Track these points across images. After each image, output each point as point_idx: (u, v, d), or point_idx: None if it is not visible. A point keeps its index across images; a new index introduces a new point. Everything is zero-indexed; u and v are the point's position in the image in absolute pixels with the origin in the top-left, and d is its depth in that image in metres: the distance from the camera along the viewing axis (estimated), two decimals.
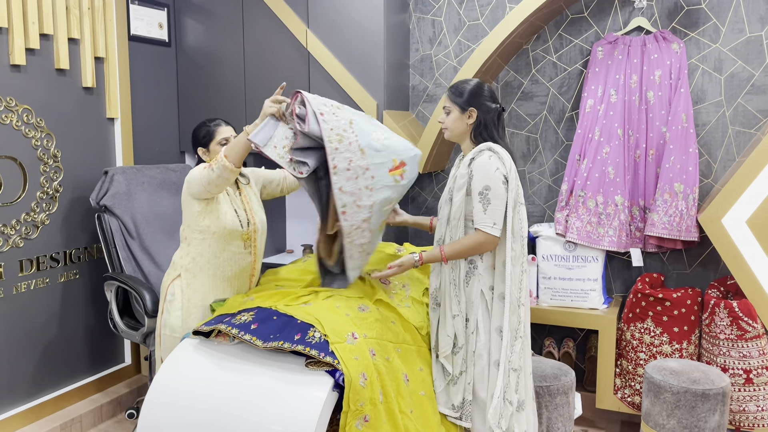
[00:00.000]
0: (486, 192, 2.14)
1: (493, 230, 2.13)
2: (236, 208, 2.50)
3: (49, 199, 3.08)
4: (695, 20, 3.06)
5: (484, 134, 2.26)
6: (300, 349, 1.91)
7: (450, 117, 2.28)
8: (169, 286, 2.49)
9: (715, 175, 3.11)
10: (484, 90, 2.27)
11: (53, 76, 3.08)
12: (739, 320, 2.72)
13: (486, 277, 2.21)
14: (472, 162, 2.19)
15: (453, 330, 2.21)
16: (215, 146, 2.51)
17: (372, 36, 3.32)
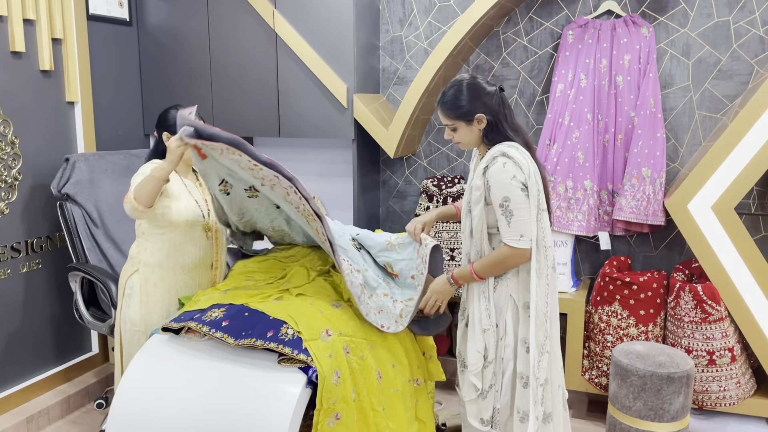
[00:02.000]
0: (506, 204, 1.99)
1: (521, 243, 2.00)
2: (197, 199, 2.48)
3: (8, 187, 2.97)
4: (664, 5, 3.06)
5: (496, 135, 2.09)
6: (273, 346, 1.89)
7: (459, 133, 2.11)
8: (127, 281, 2.46)
9: (681, 159, 3.15)
10: (479, 86, 2.07)
11: (8, 60, 2.94)
12: (703, 303, 2.78)
13: (512, 281, 2.09)
14: (486, 171, 2.03)
15: (483, 344, 2.09)
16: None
17: (341, 17, 3.25)
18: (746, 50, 2.97)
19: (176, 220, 2.40)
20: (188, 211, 2.41)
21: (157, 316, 2.41)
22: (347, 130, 3.34)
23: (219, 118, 3.57)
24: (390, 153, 3.31)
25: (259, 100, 3.48)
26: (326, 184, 3.83)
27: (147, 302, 2.41)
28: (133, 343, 2.44)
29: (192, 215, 2.42)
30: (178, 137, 2.09)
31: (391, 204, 3.74)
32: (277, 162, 2.11)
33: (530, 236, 2.00)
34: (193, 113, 2.21)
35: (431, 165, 3.62)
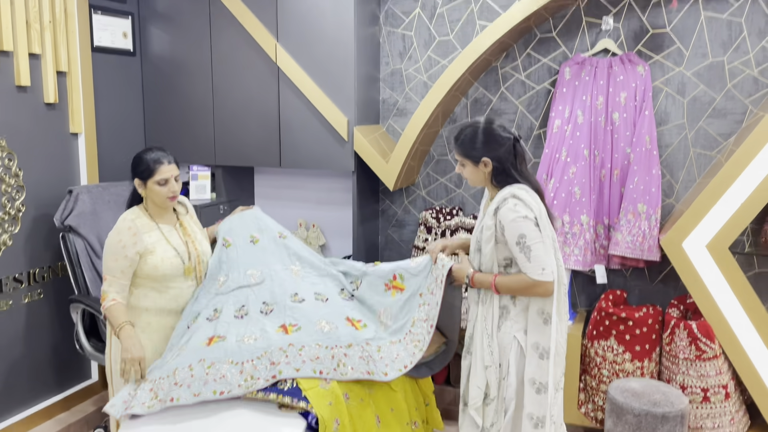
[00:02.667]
0: (523, 240, 2.04)
1: (544, 276, 2.03)
2: (176, 246, 2.45)
3: (11, 219, 3.01)
4: (660, 44, 3.12)
5: (503, 178, 2.16)
6: (272, 398, 1.93)
7: (467, 170, 2.20)
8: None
9: (676, 195, 3.20)
10: (492, 132, 2.15)
11: (14, 94, 2.99)
12: (697, 341, 2.82)
13: (519, 321, 2.12)
14: (497, 212, 2.09)
15: (485, 381, 2.12)
16: (152, 184, 2.39)
17: (342, 50, 3.30)
18: (740, 90, 3.02)
19: (153, 274, 2.39)
20: (165, 263, 2.39)
21: (147, 355, 2.39)
22: (347, 162, 3.39)
23: (220, 148, 3.61)
24: (389, 185, 3.35)
25: (261, 131, 3.52)
26: (326, 212, 3.87)
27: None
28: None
29: (170, 267, 2.41)
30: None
31: (390, 233, 3.78)
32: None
33: (552, 269, 2.05)
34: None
35: (430, 195, 3.67)
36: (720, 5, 2.99)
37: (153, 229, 2.44)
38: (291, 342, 2.18)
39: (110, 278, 2.34)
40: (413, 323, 2.31)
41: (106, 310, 2.32)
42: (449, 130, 3.56)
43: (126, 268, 2.34)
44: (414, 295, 2.38)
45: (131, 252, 2.34)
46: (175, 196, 2.43)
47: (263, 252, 2.60)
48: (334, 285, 2.56)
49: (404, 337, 2.29)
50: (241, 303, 2.42)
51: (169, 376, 2.14)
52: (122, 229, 2.37)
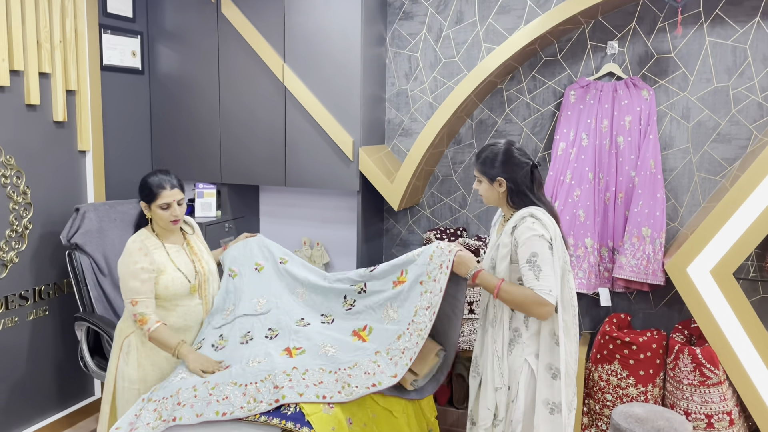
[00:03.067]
0: (534, 259, 2.05)
1: (550, 297, 2.03)
2: (181, 266, 2.48)
3: (18, 237, 3.03)
4: (665, 68, 3.13)
5: (519, 199, 2.19)
6: (276, 422, 1.93)
7: (482, 186, 2.23)
8: (125, 339, 2.47)
9: (681, 219, 3.20)
10: (511, 155, 2.18)
11: (23, 112, 3.02)
12: (701, 367, 2.81)
13: (531, 345, 2.12)
14: (515, 230, 2.12)
15: (494, 403, 2.13)
16: (155, 208, 2.44)
17: (349, 71, 3.33)
18: (745, 115, 3.03)
19: (163, 294, 2.44)
20: (174, 283, 2.43)
21: (153, 377, 2.44)
22: (352, 182, 3.40)
23: (227, 167, 3.64)
24: (394, 206, 3.37)
25: (267, 150, 3.54)
26: (330, 230, 3.88)
27: (144, 364, 2.44)
28: (128, 400, 2.44)
29: (178, 287, 2.45)
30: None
31: (393, 252, 3.79)
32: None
33: (556, 293, 2.06)
34: None
35: (434, 215, 3.68)
36: (725, 31, 3.01)
37: (161, 248, 2.48)
38: (295, 365, 2.18)
39: (141, 300, 2.36)
40: (416, 312, 2.28)
41: (152, 332, 2.33)
42: (454, 150, 3.58)
43: (151, 287, 2.39)
44: (415, 283, 2.34)
45: (148, 269, 2.38)
46: (177, 220, 2.46)
47: (268, 279, 2.62)
48: (338, 300, 2.56)
49: (407, 327, 2.27)
50: (246, 329, 2.44)
51: (173, 395, 2.15)
52: (133, 251, 2.41)
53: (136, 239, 2.45)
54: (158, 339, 2.34)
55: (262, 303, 2.53)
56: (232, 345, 2.38)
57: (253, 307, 2.52)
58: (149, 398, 2.20)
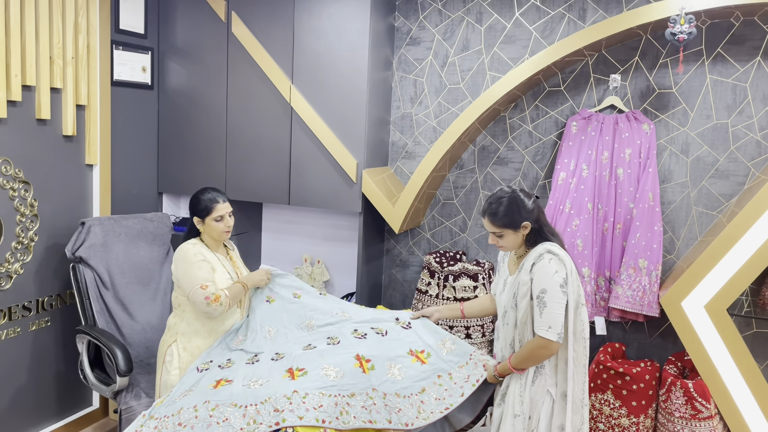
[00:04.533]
0: (542, 296, 2.14)
1: (549, 333, 2.12)
2: (229, 271, 2.70)
3: (23, 249, 3.07)
4: (666, 103, 3.18)
5: (535, 236, 2.27)
6: None
7: (506, 239, 2.28)
8: (167, 350, 2.65)
9: (677, 251, 3.24)
10: (520, 198, 2.26)
11: (33, 127, 3.07)
12: (693, 400, 2.84)
13: (551, 376, 2.22)
14: (533, 267, 2.20)
15: (513, 430, 2.22)
16: (210, 221, 2.65)
17: (355, 94, 3.38)
18: (743, 153, 3.08)
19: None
20: (223, 282, 2.64)
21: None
22: (355, 204, 3.45)
23: (231, 183, 3.68)
24: (395, 228, 3.41)
25: (272, 169, 3.59)
26: (331, 248, 3.92)
27: (185, 368, 2.60)
28: None
29: (226, 286, 2.64)
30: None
31: (393, 273, 3.83)
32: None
33: (557, 330, 2.13)
34: None
35: (434, 238, 3.72)
36: (726, 69, 3.06)
37: (211, 254, 2.70)
38: (295, 389, 2.22)
39: (210, 284, 2.56)
40: (422, 391, 2.36)
41: (230, 299, 2.58)
42: (456, 174, 3.63)
43: (212, 276, 2.60)
44: (432, 375, 2.44)
45: (204, 260, 2.60)
46: (230, 230, 2.70)
47: (278, 312, 2.71)
48: (348, 327, 2.61)
49: (408, 397, 2.33)
50: (255, 352, 2.49)
51: (174, 415, 2.18)
52: (189, 249, 2.63)
53: (189, 243, 2.67)
54: (234, 298, 2.60)
55: (271, 332, 2.60)
56: (238, 364, 2.44)
57: (264, 334, 2.60)
58: (151, 415, 2.23)
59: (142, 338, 3.23)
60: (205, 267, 2.59)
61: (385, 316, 2.70)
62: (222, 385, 2.29)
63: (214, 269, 2.64)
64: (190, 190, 3.81)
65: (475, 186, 3.60)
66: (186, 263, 2.59)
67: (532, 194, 2.31)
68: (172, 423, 2.15)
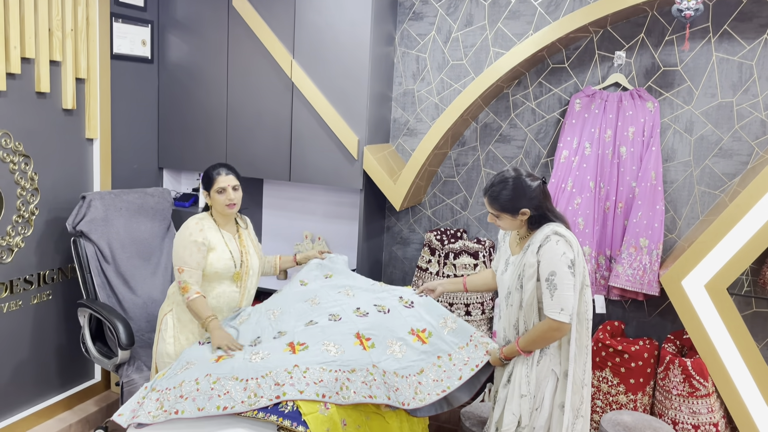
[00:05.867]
0: (552, 278, 2.13)
1: (561, 316, 2.12)
2: (231, 250, 2.67)
3: (24, 222, 3.08)
4: (671, 81, 3.15)
5: (539, 220, 2.25)
6: (273, 419, 1.98)
7: (503, 221, 2.27)
8: (163, 318, 2.69)
9: (679, 230, 3.23)
10: (524, 184, 2.22)
11: (33, 100, 3.05)
12: (691, 378, 2.86)
13: (555, 356, 2.23)
14: (540, 249, 2.18)
15: (519, 410, 2.22)
16: (213, 193, 2.65)
17: (357, 71, 3.35)
18: (747, 132, 3.05)
19: (208, 271, 2.62)
20: (221, 262, 2.63)
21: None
22: (356, 180, 3.44)
23: (232, 159, 3.67)
24: (396, 206, 3.40)
25: (272, 145, 3.58)
26: (332, 225, 3.92)
27: (179, 338, 2.64)
28: None
29: (224, 267, 2.64)
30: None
31: (394, 250, 3.83)
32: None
33: (570, 311, 2.14)
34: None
35: (435, 215, 3.72)
36: (732, 47, 3.03)
37: (216, 231, 2.69)
38: (296, 363, 2.23)
39: (188, 270, 2.56)
40: (420, 372, 2.37)
41: (190, 302, 2.54)
42: (458, 152, 3.61)
43: (200, 260, 2.59)
44: (432, 355, 2.45)
45: (201, 243, 2.59)
46: (232, 203, 2.65)
47: (284, 295, 2.74)
48: (350, 304, 2.62)
49: (406, 378, 2.34)
50: (257, 334, 2.51)
51: (175, 387, 2.20)
52: (191, 225, 2.63)
53: (195, 217, 2.69)
54: (194, 308, 2.53)
55: (276, 313, 2.60)
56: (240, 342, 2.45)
57: (269, 316, 2.60)
58: (153, 387, 2.25)
59: (143, 312, 3.25)
60: (194, 249, 2.56)
61: (389, 294, 2.70)
62: (223, 359, 2.30)
63: (212, 248, 2.62)
64: (191, 165, 3.81)
65: (477, 164, 3.58)
66: (178, 240, 2.61)
67: (539, 178, 2.25)
68: (173, 395, 2.17)
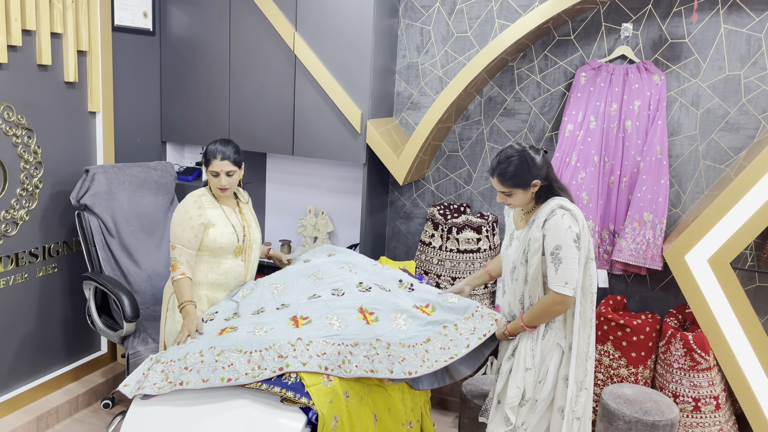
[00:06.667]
0: (557, 251, 2.13)
1: (565, 289, 2.13)
2: (234, 224, 2.66)
3: (28, 195, 3.08)
4: (678, 54, 3.11)
5: (545, 193, 2.24)
6: (276, 391, 2.00)
7: (515, 198, 2.24)
8: (170, 297, 2.66)
9: (683, 205, 3.22)
10: (529, 156, 2.21)
11: (35, 72, 3.03)
12: (693, 352, 2.87)
13: (560, 329, 2.23)
14: (546, 223, 2.17)
15: (523, 383, 2.24)
16: (208, 174, 2.61)
17: (360, 44, 3.32)
18: (755, 105, 3.02)
19: (211, 246, 2.60)
20: (223, 237, 2.60)
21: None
22: (359, 155, 3.43)
23: (235, 133, 3.66)
24: (399, 180, 3.40)
25: (275, 118, 3.56)
26: (335, 200, 3.92)
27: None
28: None
29: (226, 241, 2.62)
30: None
31: (397, 225, 3.83)
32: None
33: (574, 285, 2.14)
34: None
35: (439, 190, 3.71)
36: (741, 19, 2.98)
37: (216, 207, 2.65)
38: (299, 336, 2.25)
39: (179, 247, 2.55)
40: (427, 340, 2.38)
41: (174, 281, 2.53)
42: (462, 126, 3.59)
43: (193, 239, 2.55)
44: (438, 325, 2.46)
45: (197, 222, 2.55)
46: (223, 188, 2.60)
47: (288, 270, 2.76)
48: (353, 279, 2.64)
49: (413, 347, 2.35)
50: (260, 306, 2.52)
51: (180, 359, 2.22)
52: (189, 203, 2.59)
53: (195, 193, 2.64)
54: (177, 288, 2.53)
55: (279, 287, 2.61)
56: (243, 317, 2.47)
57: (272, 290, 2.61)
58: (158, 359, 2.27)
59: (148, 286, 3.27)
60: (188, 227, 2.53)
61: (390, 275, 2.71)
62: (227, 332, 2.32)
63: (213, 225, 2.59)
64: (194, 139, 3.80)
65: (481, 138, 3.56)
66: (175, 216, 2.58)
67: (540, 149, 2.25)
68: (178, 367, 2.19)
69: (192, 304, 2.49)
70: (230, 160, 2.59)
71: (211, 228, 2.59)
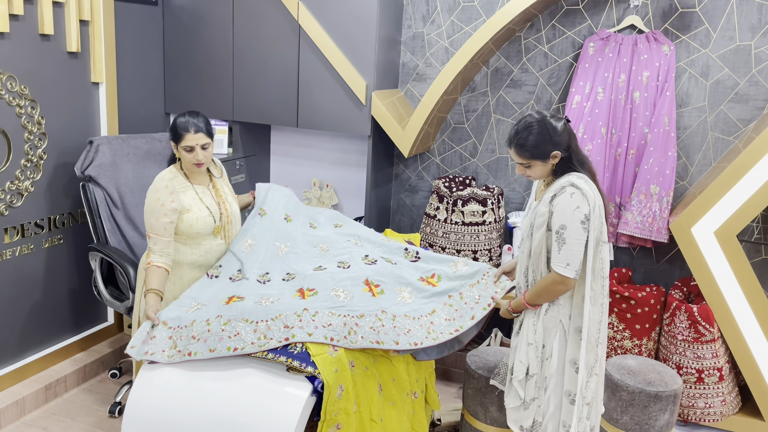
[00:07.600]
0: (562, 231, 2.07)
1: (566, 271, 2.07)
2: (208, 206, 2.55)
3: (33, 166, 3.08)
4: (688, 23, 3.06)
5: (564, 165, 2.16)
6: (282, 360, 2.01)
7: (534, 169, 2.17)
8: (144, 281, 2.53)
9: (690, 177, 3.20)
10: (550, 124, 2.12)
11: (37, 42, 3.00)
12: (697, 324, 2.88)
13: (565, 307, 2.19)
14: (554, 199, 2.11)
15: (527, 358, 2.23)
16: (180, 149, 2.48)
17: (365, 13, 3.27)
18: (765, 76, 2.98)
19: (187, 231, 2.51)
20: (199, 222, 2.51)
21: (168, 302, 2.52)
22: (364, 126, 3.40)
23: (239, 104, 3.63)
24: (404, 152, 3.38)
25: (280, 90, 3.53)
26: (340, 172, 3.91)
27: (167, 297, 2.52)
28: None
29: (202, 225, 2.52)
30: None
31: (402, 197, 3.82)
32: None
33: (576, 267, 2.09)
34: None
35: (444, 162, 3.69)
36: None
37: (188, 188, 2.54)
38: (306, 307, 2.26)
39: (154, 236, 2.44)
40: (432, 312, 2.39)
41: (146, 269, 2.44)
42: (468, 98, 3.55)
43: (168, 225, 2.45)
44: (443, 295, 2.46)
45: (170, 208, 2.44)
46: (199, 163, 2.49)
47: (294, 233, 2.71)
48: (359, 252, 2.63)
49: (418, 319, 2.36)
50: (266, 270, 2.51)
51: (187, 326, 2.23)
52: (160, 188, 2.46)
53: (164, 177, 2.50)
54: (146, 276, 2.44)
55: (283, 249, 2.60)
56: (251, 281, 2.46)
57: (275, 249, 2.59)
58: (164, 321, 2.27)
59: None
60: (161, 214, 2.41)
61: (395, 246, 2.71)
62: (234, 301, 2.33)
63: (187, 210, 2.48)
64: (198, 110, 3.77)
65: (487, 110, 3.53)
66: (147, 204, 2.47)
67: (562, 118, 2.16)
68: (186, 334, 2.20)
69: (153, 293, 2.38)
70: (204, 132, 2.46)
71: (185, 213, 2.48)
